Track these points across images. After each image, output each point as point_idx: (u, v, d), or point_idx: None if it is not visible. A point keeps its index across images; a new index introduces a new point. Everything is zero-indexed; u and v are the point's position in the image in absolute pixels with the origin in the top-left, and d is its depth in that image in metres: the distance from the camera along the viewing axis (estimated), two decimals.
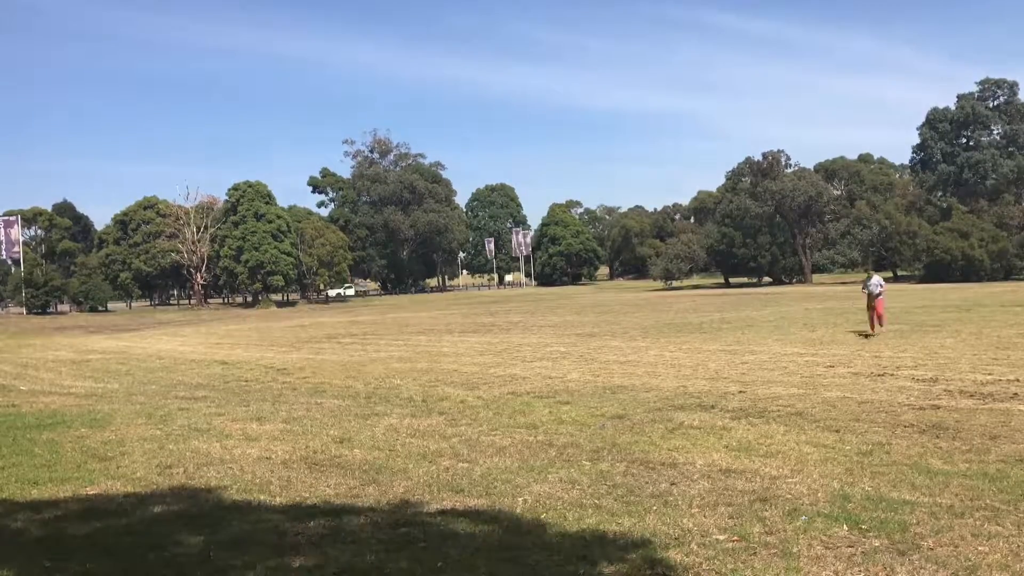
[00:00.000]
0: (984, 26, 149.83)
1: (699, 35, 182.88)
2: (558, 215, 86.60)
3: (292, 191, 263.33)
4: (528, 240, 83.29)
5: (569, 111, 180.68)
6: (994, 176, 62.09)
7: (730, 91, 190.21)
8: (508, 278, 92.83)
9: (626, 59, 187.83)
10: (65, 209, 74.33)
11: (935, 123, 65.29)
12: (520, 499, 4.68)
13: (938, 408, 7.15)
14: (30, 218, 68.26)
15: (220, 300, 69.20)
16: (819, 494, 4.55)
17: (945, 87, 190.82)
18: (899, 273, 56.89)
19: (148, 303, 66.98)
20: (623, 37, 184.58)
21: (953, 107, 65.03)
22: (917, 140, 67.17)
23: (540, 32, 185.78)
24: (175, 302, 68.83)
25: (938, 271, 50.40)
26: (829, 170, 68.00)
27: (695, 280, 69.94)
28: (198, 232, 60.30)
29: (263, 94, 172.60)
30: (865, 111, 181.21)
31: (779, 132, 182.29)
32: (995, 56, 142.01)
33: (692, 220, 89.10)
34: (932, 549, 3.63)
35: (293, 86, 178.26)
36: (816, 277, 62.84)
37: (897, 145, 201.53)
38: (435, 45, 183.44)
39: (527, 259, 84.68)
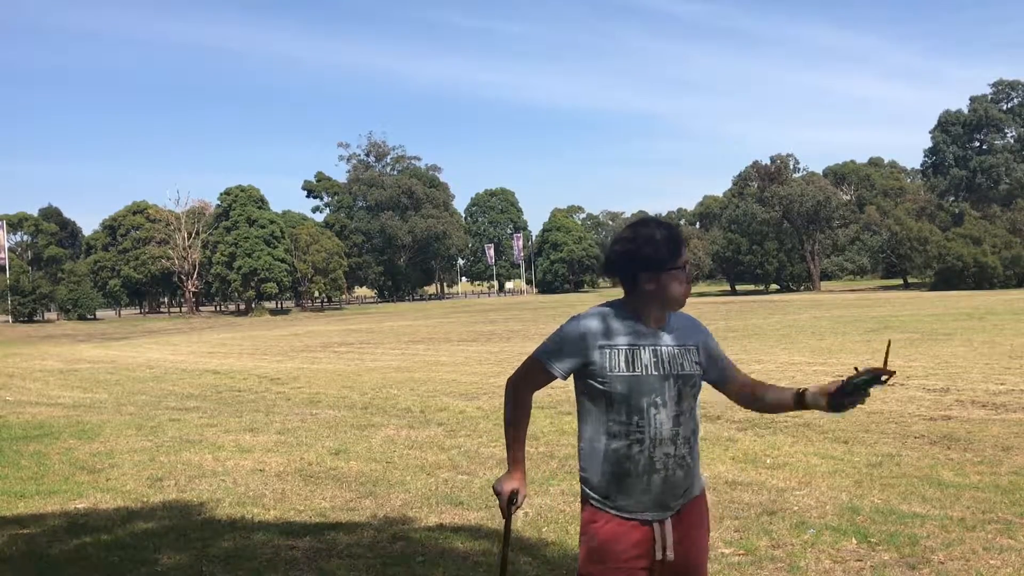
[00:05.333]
0: (998, 26, 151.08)
1: (709, 37, 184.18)
2: (560, 221, 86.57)
3: (286, 195, 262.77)
4: (520, 245, 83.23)
5: (571, 113, 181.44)
6: (1008, 181, 62.11)
7: (737, 93, 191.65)
8: (508, 285, 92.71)
9: (630, 60, 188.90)
10: (51, 214, 73.89)
11: (947, 126, 65.30)
12: (521, 512, 4.58)
13: (949, 419, 7.08)
14: (15, 223, 67.90)
15: (212, 308, 68.92)
16: (827, 507, 4.47)
17: (958, 89, 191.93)
18: (910, 280, 57.02)
19: (138, 311, 66.54)
20: (626, 38, 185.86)
21: (966, 109, 65.06)
22: (929, 143, 67.18)
23: (540, 32, 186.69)
24: (165, 310, 68.44)
25: (950, 278, 50.24)
26: (838, 174, 68.23)
27: (700, 287, 69.94)
28: (189, 238, 60.06)
29: (254, 95, 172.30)
30: (876, 114, 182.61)
31: (788, 135, 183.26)
32: (1009, 57, 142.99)
33: (697, 226, 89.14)
34: (943, 563, 3.56)
35: (285, 87, 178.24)
36: (825, 284, 62.77)
37: (908, 148, 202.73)
38: (432, 45, 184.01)
39: (528, 266, 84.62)
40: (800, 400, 2.02)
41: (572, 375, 2.01)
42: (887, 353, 2.04)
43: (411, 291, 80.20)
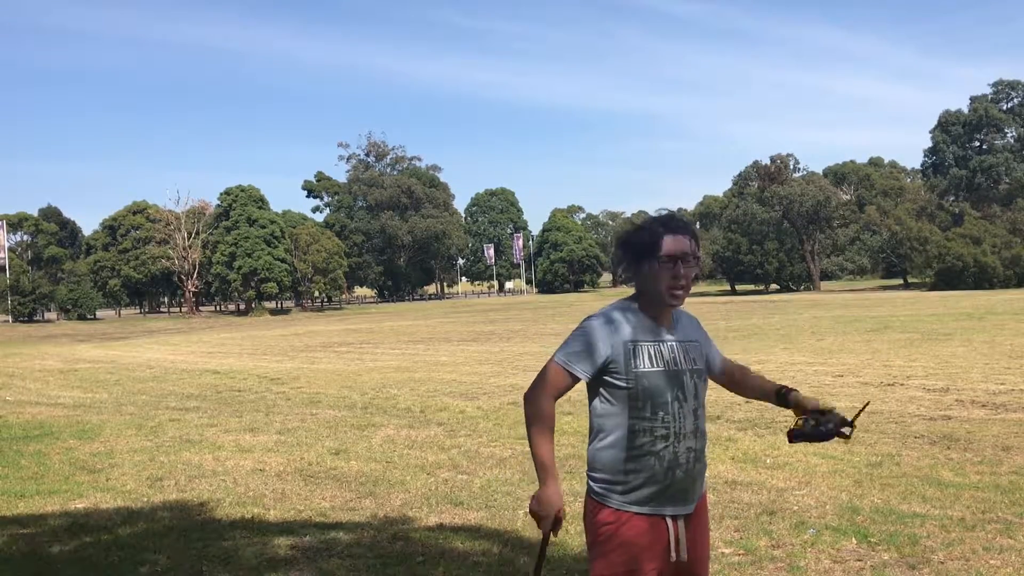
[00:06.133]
0: (997, 26, 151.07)
1: (709, 37, 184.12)
2: (560, 220, 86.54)
3: (286, 196, 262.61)
4: (520, 245, 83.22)
5: (571, 113, 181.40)
6: (1008, 180, 62.09)
7: (737, 93, 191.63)
8: (508, 285, 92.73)
9: (630, 60, 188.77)
10: (51, 214, 73.88)
11: (947, 126, 65.25)
12: (521, 512, 4.58)
13: (949, 419, 7.09)
14: (15, 223, 67.89)
15: (212, 308, 68.96)
16: (827, 506, 4.48)
17: (958, 89, 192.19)
18: (910, 280, 56.98)
19: (138, 311, 66.59)
20: (626, 38, 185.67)
21: (966, 109, 65.03)
22: (929, 143, 67.13)
23: (540, 32, 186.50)
24: (166, 310, 68.45)
25: (950, 278, 50.19)
26: (838, 174, 68.16)
27: (700, 287, 70.07)
28: (189, 238, 60.04)
29: (254, 95, 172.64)
30: (876, 114, 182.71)
31: (788, 135, 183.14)
32: (1009, 57, 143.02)
33: (697, 226, 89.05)
34: (943, 563, 3.57)
35: (285, 87, 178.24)
36: (825, 284, 62.81)
37: (908, 148, 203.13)
38: (431, 45, 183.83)
39: (528, 266, 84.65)
40: (783, 399, 2.17)
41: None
42: (861, 411, 2.23)
43: (411, 291, 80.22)
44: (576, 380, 2.00)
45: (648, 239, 1.96)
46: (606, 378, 1.96)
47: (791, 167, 64.08)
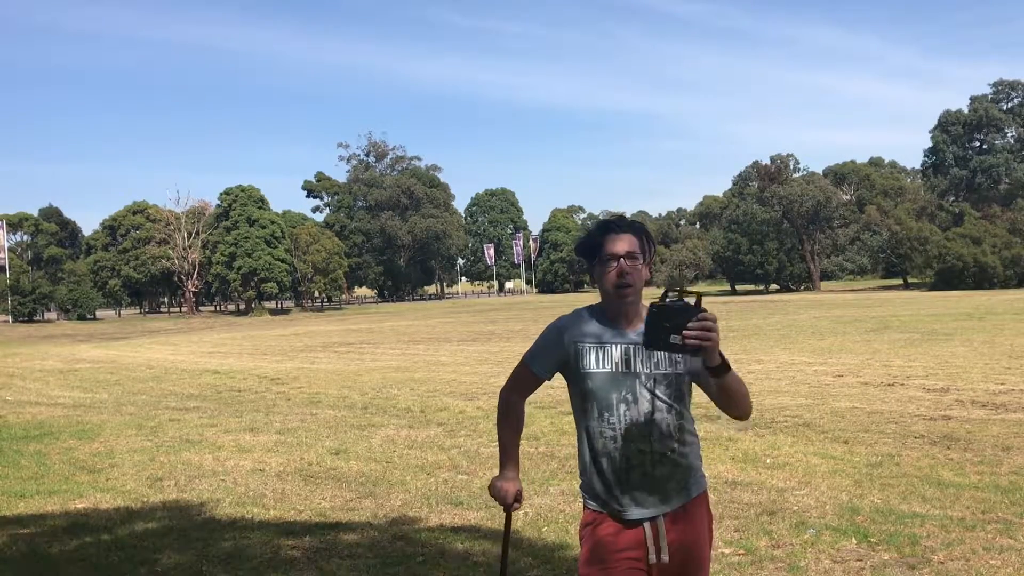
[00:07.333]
0: (998, 26, 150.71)
1: (709, 37, 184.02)
2: (560, 220, 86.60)
3: (286, 196, 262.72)
4: (520, 245, 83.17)
5: (571, 113, 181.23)
6: (1007, 181, 62.03)
7: (737, 93, 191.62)
8: (508, 285, 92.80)
9: (630, 60, 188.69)
10: (51, 214, 73.88)
11: (947, 126, 65.18)
12: (521, 512, 4.59)
13: (949, 419, 7.09)
14: (15, 223, 67.92)
15: (212, 308, 69.01)
16: (827, 507, 4.48)
17: (958, 89, 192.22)
18: (910, 280, 56.95)
19: (138, 311, 66.63)
20: (626, 38, 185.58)
21: (966, 109, 65.02)
22: (929, 143, 67.07)
23: (540, 32, 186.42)
24: (165, 310, 68.48)
25: (950, 278, 50.18)
26: (838, 174, 68.07)
27: (700, 287, 70.11)
28: (189, 238, 60.06)
29: (254, 95, 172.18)
30: (876, 114, 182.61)
31: (788, 135, 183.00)
32: (1009, 57, 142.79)
33: (697, 226, 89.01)
34: (943, 563, 3.57)
35: (285, 87, 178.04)
36: (825, 284, 62.83)
37: (908, 148, 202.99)
38: (431, 45, 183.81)
39: (528, 266, 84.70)
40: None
41: (562, 377, 2.06)
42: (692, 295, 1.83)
43: (411, 291, 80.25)
44: (538, 380, 2.09)
45: (593, 242, 2.00)
46: (567, 379, 2.03)
47: (791, 167, 64.02)
